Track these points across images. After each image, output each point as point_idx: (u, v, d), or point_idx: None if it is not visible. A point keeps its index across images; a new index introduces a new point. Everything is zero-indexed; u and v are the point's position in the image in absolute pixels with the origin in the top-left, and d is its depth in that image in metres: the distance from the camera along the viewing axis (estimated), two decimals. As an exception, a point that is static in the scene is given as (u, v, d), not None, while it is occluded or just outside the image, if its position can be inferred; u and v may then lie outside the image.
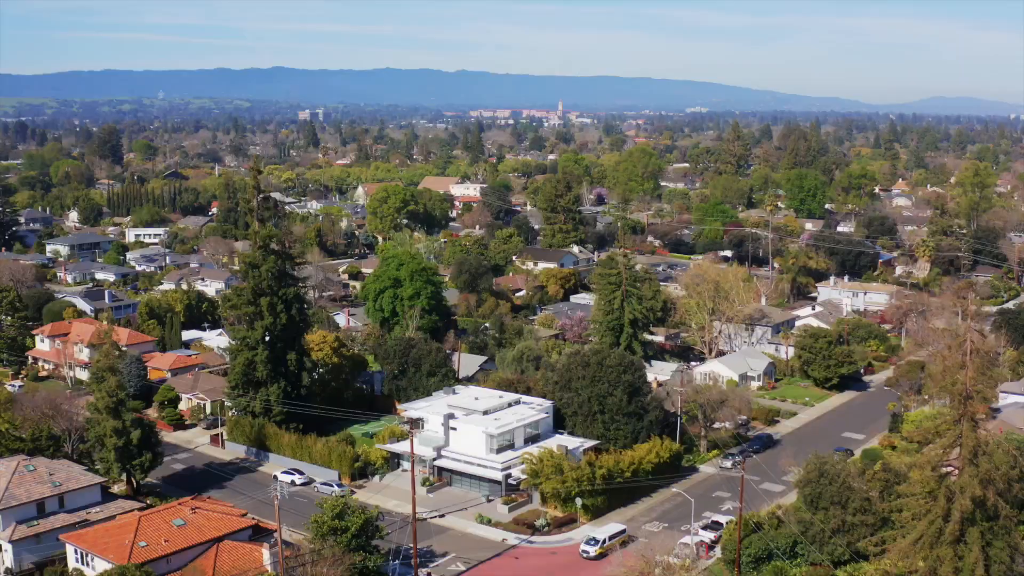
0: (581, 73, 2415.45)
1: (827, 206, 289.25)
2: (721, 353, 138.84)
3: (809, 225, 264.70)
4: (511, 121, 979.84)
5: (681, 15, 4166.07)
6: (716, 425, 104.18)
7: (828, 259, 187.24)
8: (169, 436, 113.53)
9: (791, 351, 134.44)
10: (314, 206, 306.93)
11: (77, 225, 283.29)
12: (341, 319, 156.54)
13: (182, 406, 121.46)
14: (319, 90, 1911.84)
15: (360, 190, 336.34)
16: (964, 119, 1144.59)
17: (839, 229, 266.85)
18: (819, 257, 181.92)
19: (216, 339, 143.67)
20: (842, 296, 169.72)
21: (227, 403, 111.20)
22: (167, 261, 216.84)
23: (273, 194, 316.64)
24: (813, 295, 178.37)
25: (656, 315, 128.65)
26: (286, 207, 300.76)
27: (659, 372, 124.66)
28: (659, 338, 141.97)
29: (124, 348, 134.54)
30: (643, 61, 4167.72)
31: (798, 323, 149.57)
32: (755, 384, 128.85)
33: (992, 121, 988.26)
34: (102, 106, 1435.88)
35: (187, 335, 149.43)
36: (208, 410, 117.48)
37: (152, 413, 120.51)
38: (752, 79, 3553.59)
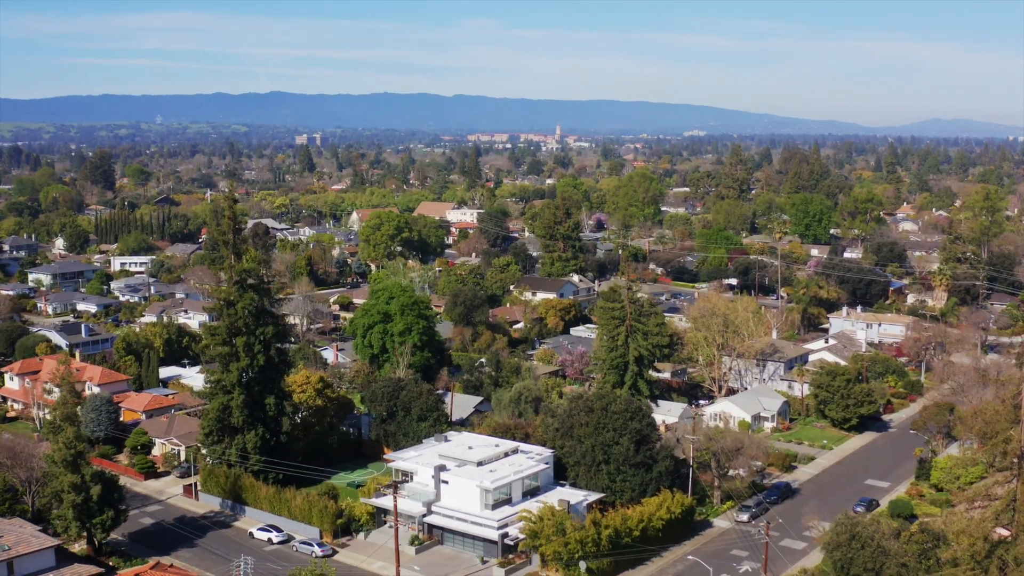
0: (579, 97, 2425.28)
1: (832, 231, 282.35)
2: (731, 391, 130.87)
3: (815, 251, 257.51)
4: (509, 145, 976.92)
5: (678, 39, 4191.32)
6: (730, 472, 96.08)
7: (838, 288, 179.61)
8: (139, 486, 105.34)
9: (806, 388, 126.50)
10: (307, 233, 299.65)
11: (62, 253, 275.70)
12: (329, 354, 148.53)
13: (156, 451, 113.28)
14: (317, 115, 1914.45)
15: (355, 216, 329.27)
16: (962, 141, 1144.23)
17: (846, 255, 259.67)
18: (830, 286, 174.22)
19: (196, 377, 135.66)
20: (855, 327, 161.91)
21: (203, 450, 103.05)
22: (152, 291, 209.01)
23: (265, 221, 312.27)
24: (824, 326, 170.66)
25: (663, 352, 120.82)
26: (278, 234, 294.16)
27: (666, 413, 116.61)
28: (665, 374, 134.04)
29: (96, 388, 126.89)
30: (640, 85, 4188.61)
31: (811, 357, 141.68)
32: (768, 425, 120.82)
33: (991, 143, 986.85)
34: (99, 131, 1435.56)
35: (166, 372, 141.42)
36: (183, 457, 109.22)
37: (124, 459, 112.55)
38: (749, 103, 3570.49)
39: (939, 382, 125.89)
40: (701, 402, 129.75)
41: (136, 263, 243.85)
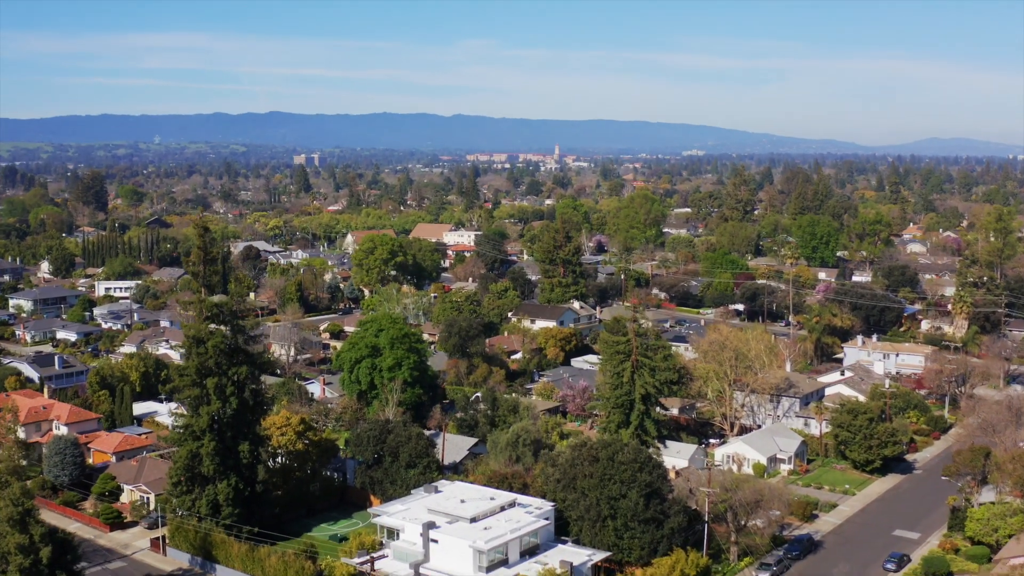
0: (577, 117, 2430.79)
1: (838, 253, 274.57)
2: (744, 429, 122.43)
3: (822, 275, 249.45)
4: (507, 165, 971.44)
5: (676, 59, 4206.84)
6: (747, 523, 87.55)
7: (851, 315, 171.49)
8: (103, 538, 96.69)
9: (825, 426, 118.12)
10: (300, 256, 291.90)
11: (47, 277, 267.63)
12: (316, 388, 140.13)
13: (124, 498, 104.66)
14: (316, 134, 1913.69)
15: (349, 238, 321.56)
16: (962, 160, 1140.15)
17: (854, 279, 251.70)
18: (843, 313, 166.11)
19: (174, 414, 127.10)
20: (872, 358, 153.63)
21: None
22: (135, 318, 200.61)
23: (257, 243, 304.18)
24: (838, 356, 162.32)
25: (671, 389, 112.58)
26: (270, 257, 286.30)
27: (675, 455, 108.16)
28: (673, 411, 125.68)
29: (63, 428, 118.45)
30: (639, 105, 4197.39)
31: (827, 391, 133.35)
32: (785, 468, 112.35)
33: (992, 162, 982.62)
34: (97, 150, 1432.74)
35: (142, 408, 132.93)
36: (152, 505, 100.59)
37: (89, 507, 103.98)
38: (748, 122, 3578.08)
39: (966, 419, 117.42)
40: (712, 441, 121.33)
41: (121, 288, 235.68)
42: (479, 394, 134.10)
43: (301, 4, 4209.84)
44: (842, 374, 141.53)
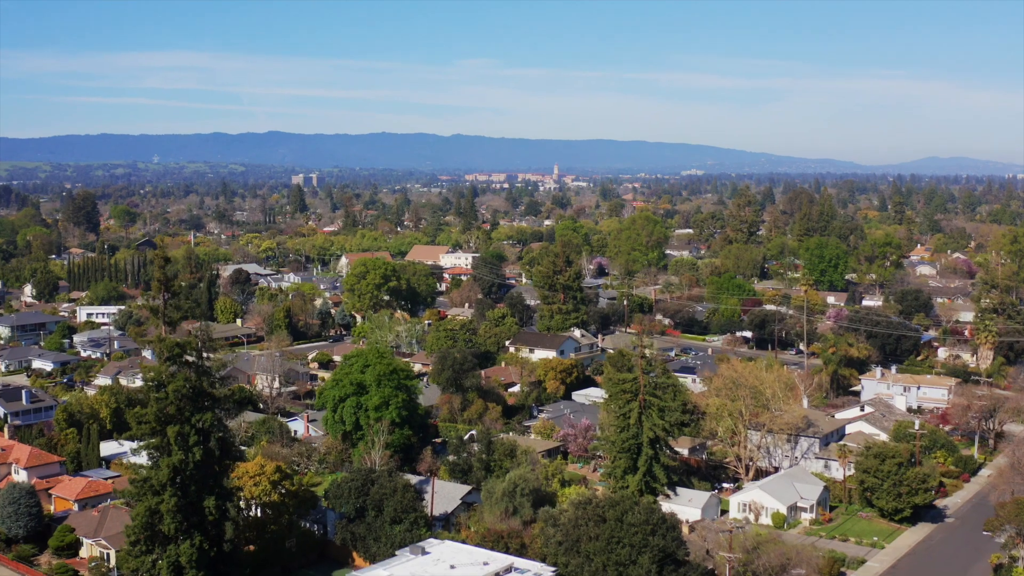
0: (576, 137, 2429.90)
1: (848, 277, 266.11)
2: (760, 472, 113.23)
3: (831, 299, 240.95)
4: (506, 185, 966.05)
5: (674, 79, 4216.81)
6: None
7: (867, 344, 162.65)
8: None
9: (848, 468, 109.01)
10: (292, 279, 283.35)
11: (29, 301, 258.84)
12: (299, 425, 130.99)
13: (84, 552, 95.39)
14: (315, 154, 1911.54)
15: (343, 260, 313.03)
16: (961, 179, 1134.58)
17: (864, 303, 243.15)
18: (859, 343, 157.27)
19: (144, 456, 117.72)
20: (892, 391, 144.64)
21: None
22: (115, 347, 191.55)
23: (248, 266, 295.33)
24: (855, 389, 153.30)
25: (682, 431, 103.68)
26: (261, 280, 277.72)
27: (687, 504, 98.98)
28: (682, 450, 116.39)
29: (23, 472, 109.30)
30: (637, 124, 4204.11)
31: (848, 428, 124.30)
32: (807, 517, 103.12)
33: (993, 180, 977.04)
34: (96, 170, 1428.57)
35: (111, 448, 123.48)
36: (112, 562, 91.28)
37: (46, 561, 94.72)
38: (746, 141, 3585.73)
39: (996, 459, 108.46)
40: (725, 486, 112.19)
41: (104, 314, 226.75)
42: (473, 432, 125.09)
43: (301, 24, 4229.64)
44: (862, 410, 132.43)
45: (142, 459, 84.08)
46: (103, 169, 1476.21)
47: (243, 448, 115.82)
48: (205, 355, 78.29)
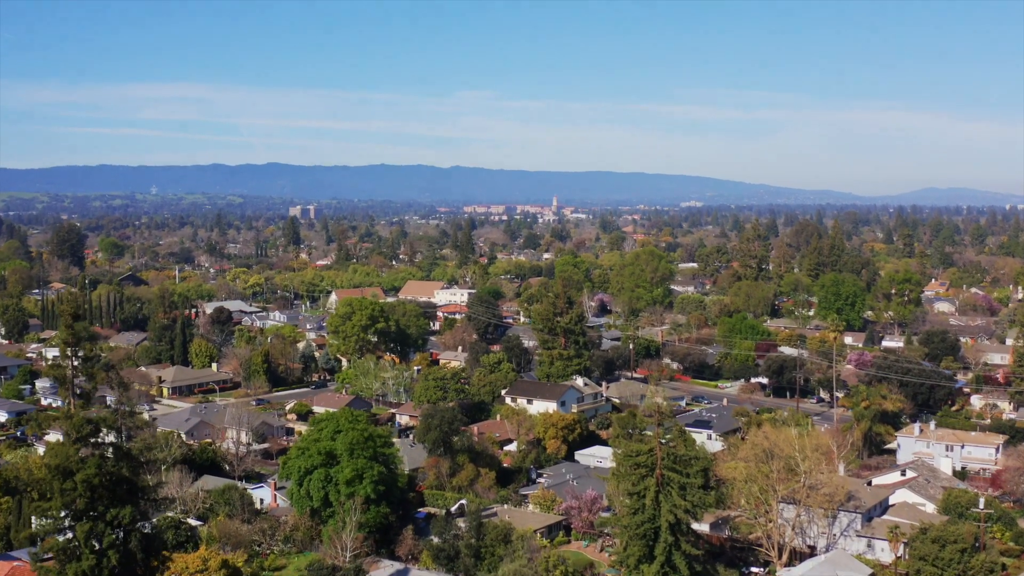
0: (575, 168, 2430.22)
1: (865, 315, 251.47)
2: (794, 554, 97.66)
3: (848, 339, 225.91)
4: (505, 217, 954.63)
5: (673, 110, 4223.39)
6: None
7: (899, 394, 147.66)
8: None
9: (899, 549, 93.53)
10: (277, 317, 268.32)
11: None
12: (265, 493, 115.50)
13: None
14: (313, 186, 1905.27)
15: (333, 297, 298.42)
16: (962, 210, 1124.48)
17: (884, 344, 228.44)
18: (893, 394, 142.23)
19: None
20: (932, 449, 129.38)
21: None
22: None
23: (230, 304, 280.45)
24: (889, 446, 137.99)
25: (705, 511, 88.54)
26: (245, 319, 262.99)
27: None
28: (703, 526, 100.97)
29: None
30: (636, 156, 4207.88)
31: (892, 499, 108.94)
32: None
33: (995, 211, 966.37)
34: (93, 201, 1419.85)
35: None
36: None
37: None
38: (745, 173, 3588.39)
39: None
40: (755, 570, 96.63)
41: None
42: (463, 502, 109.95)
43: (300, 56, 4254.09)
44: (903, 474, 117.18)
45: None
46: (101, 200, 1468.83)
47: (198, 523, 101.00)
48: (126, 432, 63.47)
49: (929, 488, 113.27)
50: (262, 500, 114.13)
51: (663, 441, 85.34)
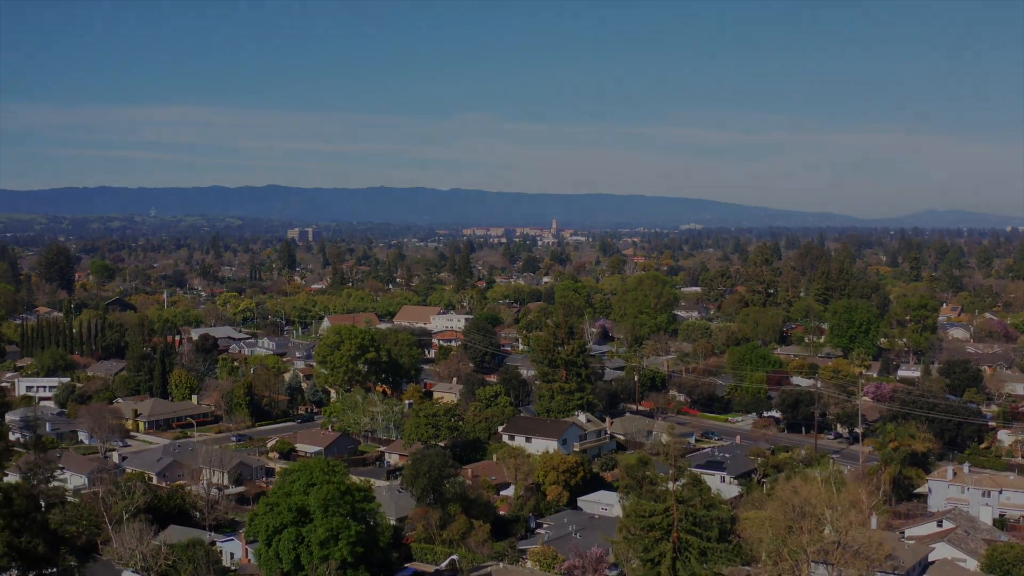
0: (575, 191, 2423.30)
1: (878, 343, 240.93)
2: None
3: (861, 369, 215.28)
4: (504, 240, 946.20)
5: (672, 133, 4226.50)
6: None
7: (927, 432, 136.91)
8: None
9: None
10: (266, 344, 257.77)
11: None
12: (236, 546, 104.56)
13: None
14: (313, 209, 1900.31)
15: (326, 323, 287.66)
16: (963, 232, 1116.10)
17: (900, 374, 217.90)
18: (922, 432, 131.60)
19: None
20: (967, 495, 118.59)
21: None
22: (47, 429, 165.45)
23: (218, 330, 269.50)
24: (919, 491, 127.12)
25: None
26: (233, 346, 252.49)
27: None
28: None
29: None
30: (636, 178, 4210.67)
31: (931, 557, 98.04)
32: None
33: (997, 234, 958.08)
34: (92, 223, 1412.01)
35: None
36: None
37: None
38: (744, 195, 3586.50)
39: None
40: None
41: (47, 387, 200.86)
42: (455, 557, 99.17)
43: (300, 78, 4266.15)
44: (939, 525, 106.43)
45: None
46: (99, 222, 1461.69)
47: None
48: (43, 503, 52.92)
49: (969, 541, 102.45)
50: (232, 555, 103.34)
51: (680, 500, 74.75)
